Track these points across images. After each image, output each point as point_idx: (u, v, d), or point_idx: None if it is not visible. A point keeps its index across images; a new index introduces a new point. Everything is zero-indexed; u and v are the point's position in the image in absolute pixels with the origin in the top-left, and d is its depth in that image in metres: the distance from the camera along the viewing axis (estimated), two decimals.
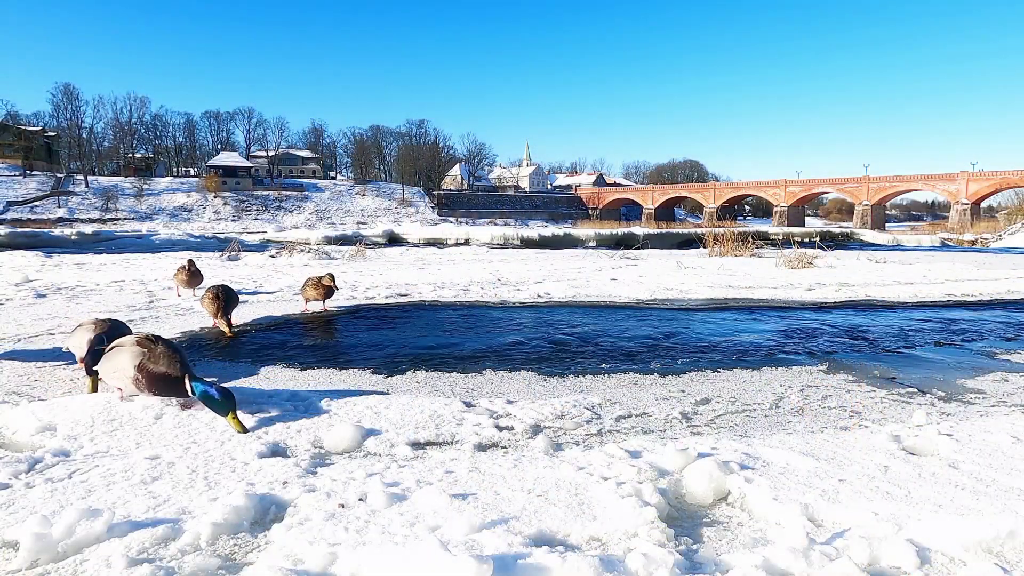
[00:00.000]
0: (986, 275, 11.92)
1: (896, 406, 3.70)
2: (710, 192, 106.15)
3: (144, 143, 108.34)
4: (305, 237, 24.53)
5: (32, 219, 73.76)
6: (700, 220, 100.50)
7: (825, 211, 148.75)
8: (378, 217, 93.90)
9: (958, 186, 75.85)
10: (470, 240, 25.70)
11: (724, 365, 4.67)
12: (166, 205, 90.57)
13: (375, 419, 3.17)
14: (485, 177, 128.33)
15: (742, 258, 16.03)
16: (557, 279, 10.36)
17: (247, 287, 8.71)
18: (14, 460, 2.57)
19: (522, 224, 75.90)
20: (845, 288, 9.47)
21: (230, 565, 1.87)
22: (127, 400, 3.31)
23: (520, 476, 2.47)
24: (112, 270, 11.39)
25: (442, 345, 5.25)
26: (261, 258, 15.52)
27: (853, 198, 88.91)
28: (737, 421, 3.41)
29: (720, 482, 2.38)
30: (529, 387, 4.03)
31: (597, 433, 3.17)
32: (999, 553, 1.93)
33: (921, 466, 2.57)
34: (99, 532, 1.96)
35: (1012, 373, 4.52)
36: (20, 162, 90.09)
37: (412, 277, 10.51)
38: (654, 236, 26.38)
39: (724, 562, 1.88)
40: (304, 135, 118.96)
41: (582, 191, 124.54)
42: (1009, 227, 42.93)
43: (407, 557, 1.79)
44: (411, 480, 2.44)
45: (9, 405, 3.32)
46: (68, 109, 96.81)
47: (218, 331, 5.57)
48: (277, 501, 2.25)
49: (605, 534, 2.03)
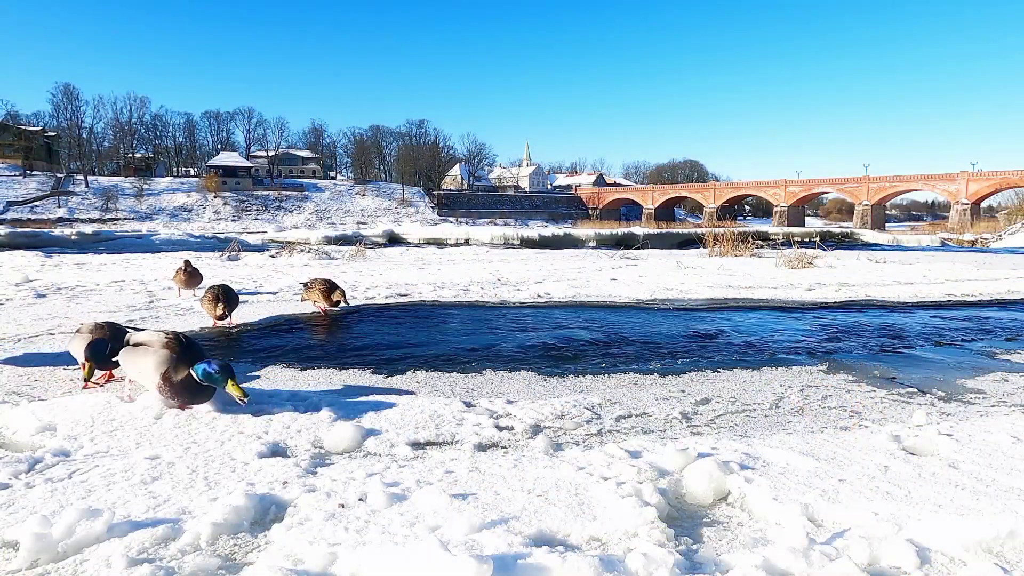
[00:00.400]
0: (986, 275, 11.92)
1: (896, 406, 3.70)
2: (710, 192, 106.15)
3: (144, 143, 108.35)
4: (305, 237, 24.53)
5: (32, 219, 73.78)
6: (700, 220, 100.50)
7: (825, 211, 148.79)
8: (378, 217, 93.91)
9: (958, 186, 75.84)
10: (470, 240, 25.72)
11: (724, 365, 4.67)
12: (166, 205, 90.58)
13: (375, 419, 3.17)
14: (485, 177, 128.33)
15: (742, 258, 16.03)
16: (557, 279, 10.36)
17: (247, 287, 8.72)
18: (14, 460, 2.58)
19: (522, 224, 75.92)
20: (845, 288, 9.47)
21: (230, 565, 1.87)
22: (128, 401, 3.31)
23: (520, 476, 2.47)
24: (112, 270, 11.39)
25: (442, 345, 5.25)
26: (261, 258, 15.53)
27: (853, 198, 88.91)
28: (737, 421, 3.41)
29: (720, 482, 2.38)
30: (529, 387, 4.03)
31: (597, 433, 3.17)
32: (999, 553, 1.93)
33: (921, 466, 2.57)
34: (99, 532, 1.96)
35: (1012, 373, 4.52)
36: (20, 162, 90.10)
37: (412, 277, 10.51)
38: (654, 236, 26.39)
39: (724, 562, 1.88)
40: (304, 135, 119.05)
41: (582, 191, 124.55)
42: (1009, 227, 42.94)
43: (407, 557, 1.79)
44: (411, 480, 2.44)
45: (9, 405, 3.32)
46: (68, 109, 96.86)
47: (218, 331, 5.57)
48: (277, 501, 2.25)
49: (605, 534, 2.03)
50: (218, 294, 5.51)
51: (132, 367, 3.31)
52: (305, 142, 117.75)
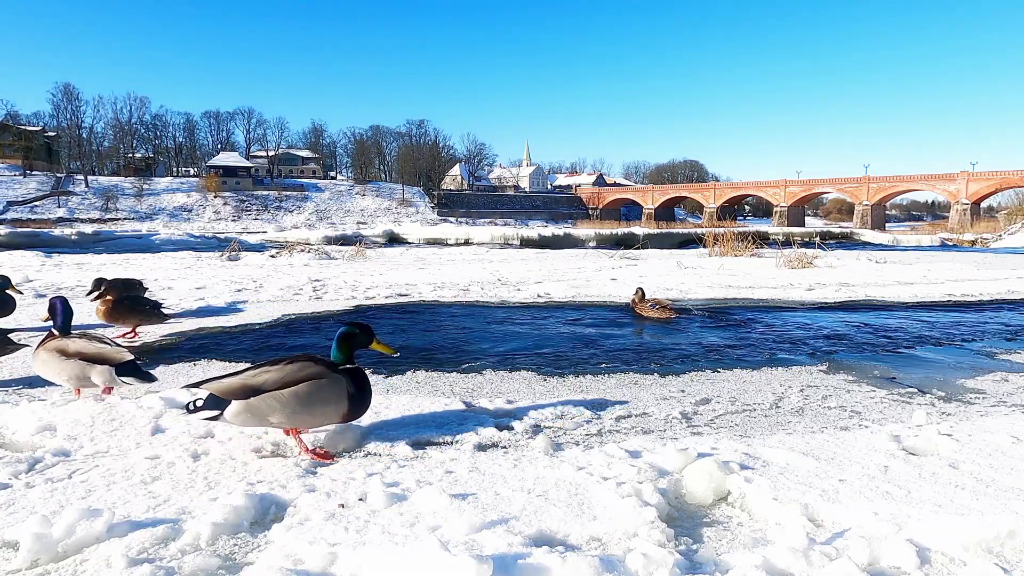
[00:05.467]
0: (986, 275, 11.92)
1: (896, 406, 3.70)
2: (710, 192, 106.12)
3: (144, 143, 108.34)
4: (305, 237, 24.53)
5: (32, 219, 73.75)
6: (700, 220, 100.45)
7: (825, 211, 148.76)
8: (378, 217, 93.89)
9: (958, 186, 75.83)
10: (470, 240, 25.71)
11: (724, 365, 4.67)
12: (166, 205, 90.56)
13: (375, 419, 3.17)
14: (485, 177, 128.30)
15: (742, 258, 16.03)
16: (557, 279, 10.36)
17: (247, 287, 8.71)
18: (14, 460, 2.58)
19: (522, 224, 75.92)
20: (845, 288, 9.47)
21: (230, 565, 1.87)
22: (127, 400, 3.31)
23: (520, 476, 2.47)
24: (112, 270, 11.38)
25: (442, 345, 5.25)
26: (261, 258, 15.52)
27: (853, 198, 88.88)
28: (737, 421, 3.41)
29: (720, 482, 2.38)
30: (529, 387, 4.03)
31: (597, 433, 3.17)
32: (999, 553, 1.93)
33: (921, 466, 2.57)
34: (99, 532, 1.96)
35: (1012, 373, 4.52)
36: (20, 162, 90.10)
37: (412, 277, 10.51)
38: (654, 236, 26.37)
39: (724, 562, 1.88)
40: (304, 135, 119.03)
41: (582, 191, 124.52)
42: (1009, 227, 42.95)
43: (407, 557, 1.78)
44: (411, 480, 2.44)
45: (9, 405, 3.32)
46: (68, 109, 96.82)
47: (219, 331, 5.57)
48: (277, 501, 2.25)
49: (605, 534, 2.03)
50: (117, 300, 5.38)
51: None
52: (305, 142, 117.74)
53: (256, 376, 2.60)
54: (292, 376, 2.61)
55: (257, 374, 2.61)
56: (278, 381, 2.60)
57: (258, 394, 2.58)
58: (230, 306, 6.96)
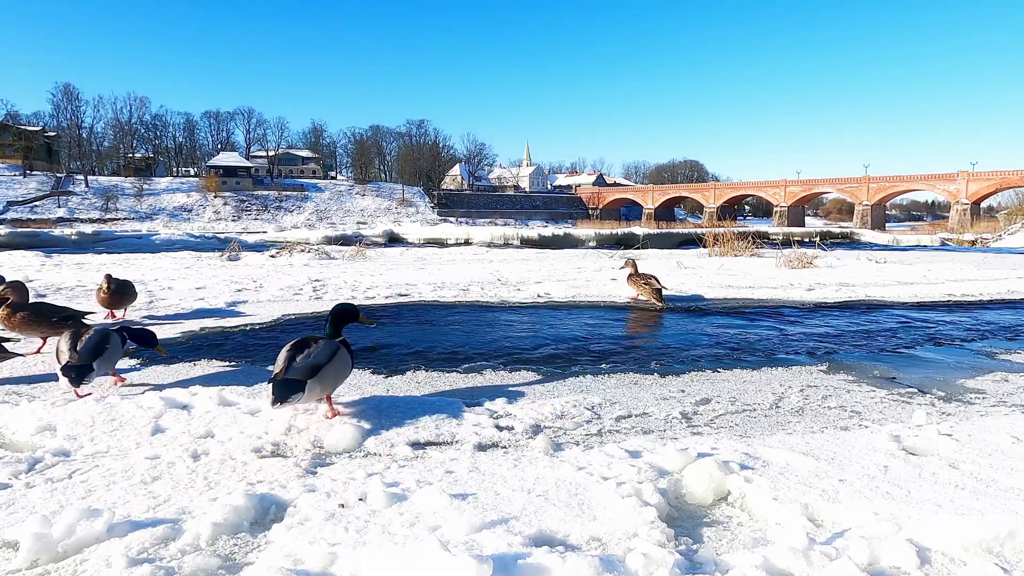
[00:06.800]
0: (986, 275, 11.92)
1: (896, 406, 3.70)
2: (710, 192, 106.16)
3: (144, 143, 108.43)
4: (305, 237, 24.48)
5: (32, 219, 73.82)
6: (700, 220, 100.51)
7: (825, 211, 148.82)
8: (378, 217, 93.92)
9: (958, 186, 75.87)
10: (470, 240, 25.67)
11: (724, 365, 4.67)
12: (166, 205, 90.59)
13: (375, 419, 3.17)
14: (485, 177, 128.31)
15: (742, 258, 16.02)
16: (557, 279, 10.35)
17: (247, 287, 8.71)
18: (14, 460, 2.58)
19: (522, 224, 75.90)
20: (845, 288, 9.47)
21: (230, 565, 1.87)
22: (127, 400, 3.31)
23: (520, 476, 2.47)
24: (112, 270, 11.37)
25: (442, 345, 5.25)
26: (261, 258, 15.50)
27: (853, 198, 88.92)
28: (737, 421, 3.41)
29: (720, 482, 2.38)
30: (529, 387, 4.03)
31: (597, 433, 3.17)
32: (999, 553, 1.93)
33: (921, 466, 2.57)
34: (99, 532, 1.96)
35: (1012, 373, 4.52)
36: (20, 162, 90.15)
37: (412, 277, 10.51)
38: (654, 236, 26.32)
39: (724, 562, 1.88)
40: (304, 135, 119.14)
41: (582, 191, 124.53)
42: (1009, 227, 42.94)
43: (407, 557, 1.79)
44: (411, 480, 2.44)
45: (9, 405, 3.32)
46: (68, 109, 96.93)
47: (220, 331, 5.57)
48: (277, 501, 2.25)
49: (605, 534, 2.03)
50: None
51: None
52: (305, 142, 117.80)
53: (309, 359, 3.03)
54: (327, 351, 3.10)
55: (305, 356, 3.04)
56: (325, 357, 3.07)
57: (317, 372, 3.00)
58: (230, 306, 6.96)
